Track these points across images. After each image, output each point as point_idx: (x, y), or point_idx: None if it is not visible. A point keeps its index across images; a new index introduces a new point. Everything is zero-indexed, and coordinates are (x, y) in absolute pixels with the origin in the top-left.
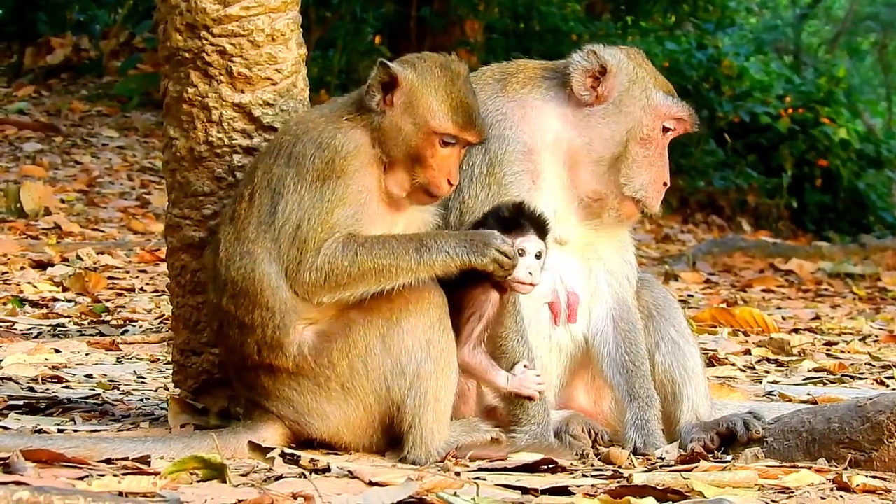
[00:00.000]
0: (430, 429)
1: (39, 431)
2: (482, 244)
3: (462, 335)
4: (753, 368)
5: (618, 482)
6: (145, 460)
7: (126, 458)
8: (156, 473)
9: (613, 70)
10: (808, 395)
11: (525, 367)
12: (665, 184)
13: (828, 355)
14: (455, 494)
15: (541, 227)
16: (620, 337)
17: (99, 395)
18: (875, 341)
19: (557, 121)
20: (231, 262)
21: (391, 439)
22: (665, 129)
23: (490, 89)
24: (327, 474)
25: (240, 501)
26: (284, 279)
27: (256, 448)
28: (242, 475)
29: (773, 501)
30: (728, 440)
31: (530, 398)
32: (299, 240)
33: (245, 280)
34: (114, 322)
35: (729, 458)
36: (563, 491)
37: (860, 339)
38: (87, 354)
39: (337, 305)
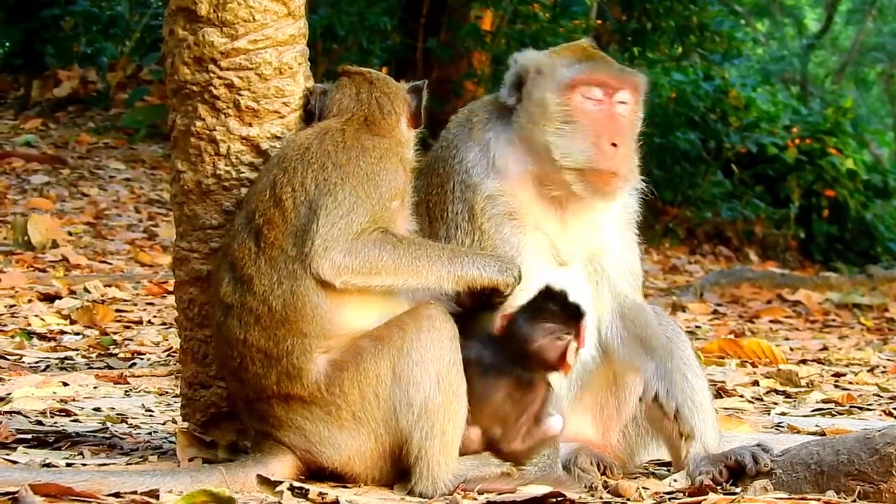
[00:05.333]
0: (437, 461)
1: (48, 465)
2: (510, 265)
3: (517, 433)
4: (762, 400)
5: None
6: (154, 494)
7: (135, 492)
8: None
9: (527, 68)
10: (817, 426)
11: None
12: (613, 144)
13: (836, 386)
14: None
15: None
16: (630, 320)
17: (107, 428)
18: (883, 372)
19: (514, 147)
20: (269, 292)
21: (400, 471)
22: (589, 96)
23: (462, 136)
24: None
25: None
26: (308, 267)
27: (265, 482)
28: None
29: None
30: (737, 473)
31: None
32: (344, 222)
33: (286, 306)
34: (122, 355)
35: (738, 490)
36: None
37: (868, 370)
38: (95, 387)
39: (350, 330)
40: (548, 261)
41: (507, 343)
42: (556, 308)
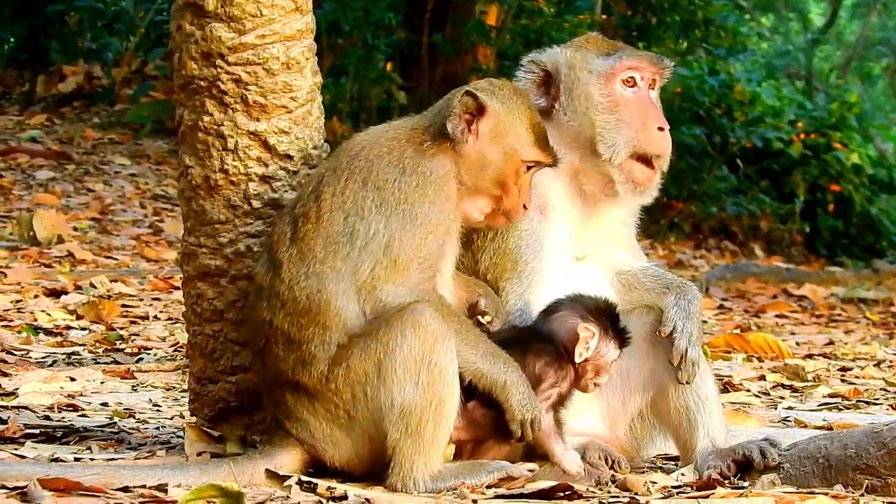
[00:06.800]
0: (411, 460)
1: (56, 460)
2: (531, 405)
3: (537, 397)
4: (768, 394)
5: None
6: (163, 488)
7: (143, 486)
8: (173, 502)
9: (553, 67)
10: (824, 420)
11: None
12: (660, 128)
13: (842, 381)
14: None
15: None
16: (630, 275)
17: (115, 423)
18: (889, 366)
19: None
20: (295, 281)
21: None
22: (628, 83)
23: None
24: (344, 502)
25: None
26: (355, 294)
27: (273, 476)
28: (259, 503)
29: None
30: (744, 467)
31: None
32: (388, 259)
33: (309, 299)
34: (128, 350)
35: (746, 484)
36: None
37: (874, 365)
38: (102, 382)
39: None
40: (567, 256)
41: (536, 323)
42: (594, 304)
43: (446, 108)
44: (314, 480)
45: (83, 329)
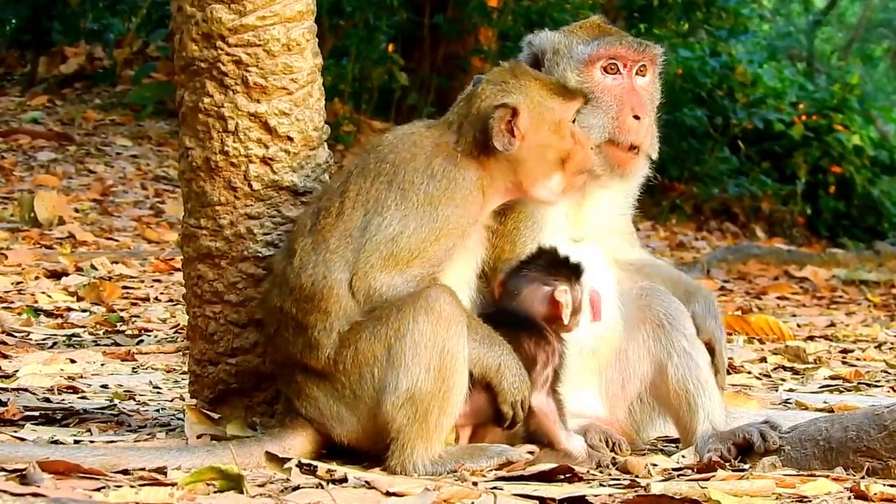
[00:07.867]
0: (413, 444)
1: (56, 442)
2: (521, 386)
3: (535, 382)
4: (769, 376)
5: (635, 491)
6: (162, 470)
7: (143, 469)
8: (172, 484)
9: (541, 50)
10: (825, 402)
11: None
12: (636, 117)
13: (844, 363)
14: None
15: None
16: (632, 268)
17: (115, 405)
18: (891, 349)
19: None
20: (303, 269)
21: None
22: (609, 70)
23: None
24: (344, 485)
25: None
26: (351, 278)
27: (273, 458)
28: (259, 486)
29: None
30: (745, 450)
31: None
32: (389, 251)
33: (314, 285)
34: (129, 332)
35: (746, 467)
36: (580, 500)
37: (876, 347)
38: (102, 364)
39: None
40: (564, 238)
41: (506, 305)
42: (543, 261)
43: (478, 124)
44: (314, 463)
45: (83, 311)
